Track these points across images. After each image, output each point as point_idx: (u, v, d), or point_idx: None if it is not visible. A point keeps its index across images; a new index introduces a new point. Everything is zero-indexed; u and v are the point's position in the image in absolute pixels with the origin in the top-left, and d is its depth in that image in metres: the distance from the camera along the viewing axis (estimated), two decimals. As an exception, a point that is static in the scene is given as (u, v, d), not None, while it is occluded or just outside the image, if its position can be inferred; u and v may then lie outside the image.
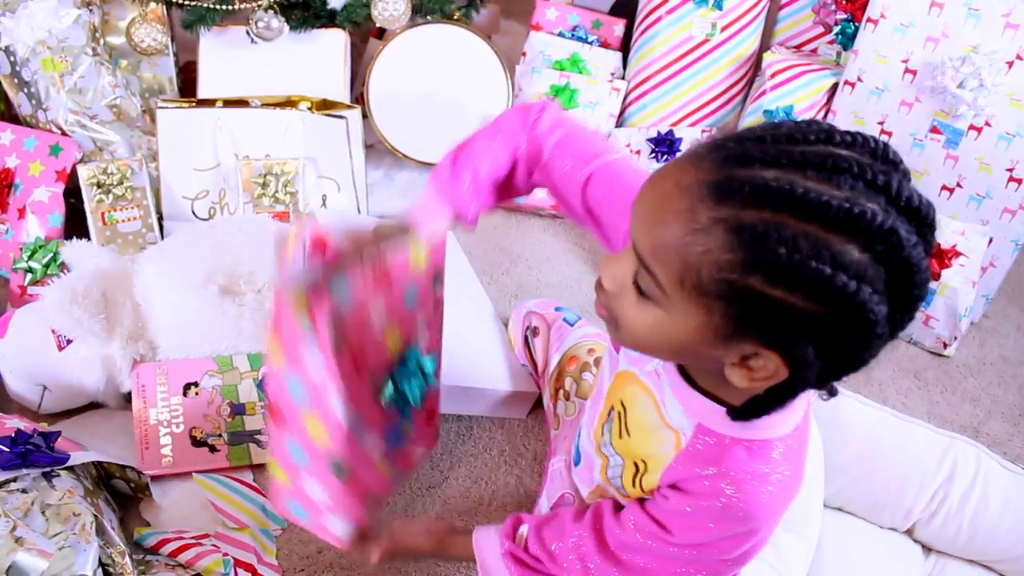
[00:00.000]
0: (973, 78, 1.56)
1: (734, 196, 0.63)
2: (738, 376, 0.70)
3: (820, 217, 0.61)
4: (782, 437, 0.81)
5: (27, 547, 0.94)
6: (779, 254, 0.61)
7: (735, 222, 0.62)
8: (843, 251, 0.61)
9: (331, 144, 1.66)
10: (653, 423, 0.88)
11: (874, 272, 0.62)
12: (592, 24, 2.02)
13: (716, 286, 0.64)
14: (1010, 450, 1.50)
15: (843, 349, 0.65)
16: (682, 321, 0.69)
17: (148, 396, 1.29)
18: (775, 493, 0.80)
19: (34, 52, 1.57)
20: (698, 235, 0.64)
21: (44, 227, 1.53)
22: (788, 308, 0.63)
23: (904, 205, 0.62)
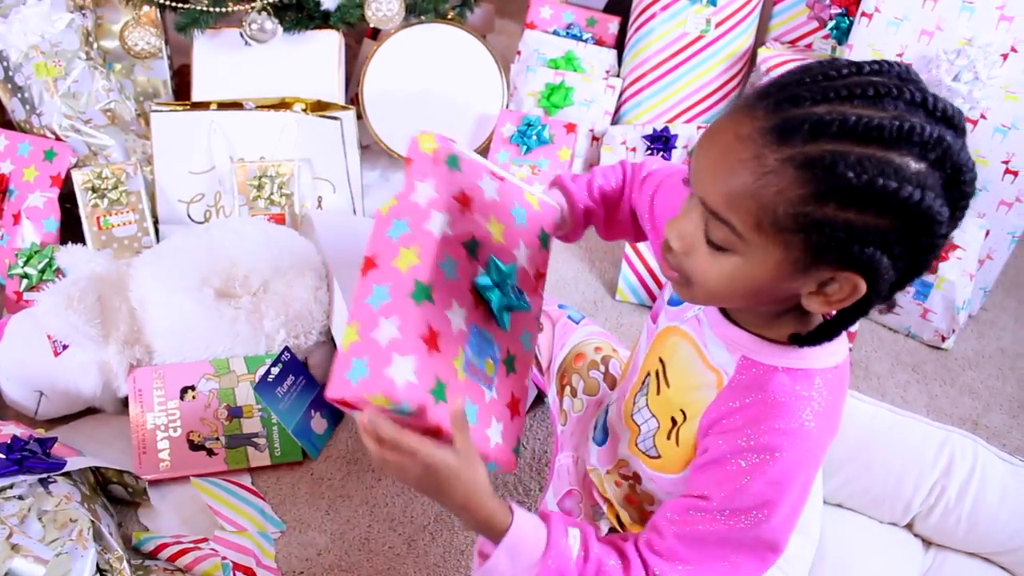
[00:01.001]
0: (968, 71, 1.56)
1: (795, 135, 0.68)
2: (816, 303, 0.74)
3: (876, 139, 0.66)
4: (823, 369, 0.81)
5: (24, 554, 0.94)
6: (848, 178, 0.66)
7: (802, 158, 0.67)
8: (903, 165, 0.66)
9: (326, 145, 1.66)
10: (694, 367, 0.89)
11: (933, 179, 0.67)
12: (587, 22, 2.02)
13: (793, 221, 0.69)
14: (1009, 442, 1.50)
15: (914, 255, 0.70)
16: (761, 262, 0.73)
17: (145, 400, 1.28)
18: (816, 422, 0.79)
19: (27, 57, 1.57)
20: (769, 177, 0.68)
21: (39, 232, 1.52)
22: (862, 227, 0.68)
23: (941, 115, 0.68)
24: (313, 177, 1.68)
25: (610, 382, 1.26)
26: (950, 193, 0.69)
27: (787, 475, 0.80)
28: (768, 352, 0.82)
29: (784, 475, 0.79)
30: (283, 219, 1.61)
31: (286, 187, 1.61)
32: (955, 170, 0.68)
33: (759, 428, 0.79)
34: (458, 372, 0.85)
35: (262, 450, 1.30)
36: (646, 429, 0.96)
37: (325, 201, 1.69)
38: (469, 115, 1.92)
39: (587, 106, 1.91)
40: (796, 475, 0.80)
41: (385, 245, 0.86)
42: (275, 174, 1.60)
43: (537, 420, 1.41)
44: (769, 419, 0.79)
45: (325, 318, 1.39)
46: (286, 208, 1.61)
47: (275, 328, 1.34)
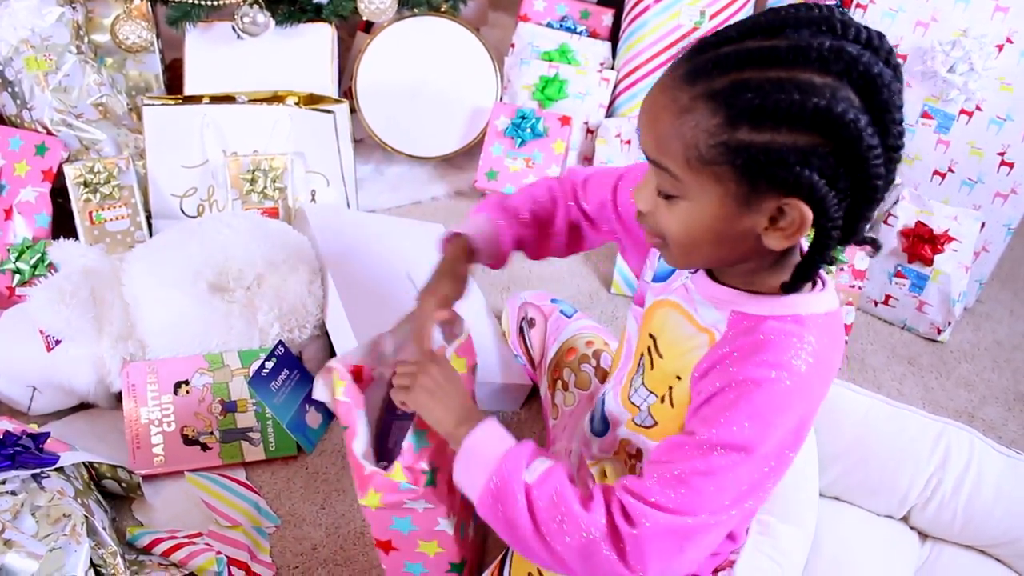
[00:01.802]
0: (963, 62, 1.56)
1: (702, 73, 0.73)
2: (774, 239, 0.76)
3: (775, 61, 0.70)
4: (813, 315, 0.82)
5: (16, 549, 0.93)
6: (751, 100, 0.70)
7: (709, 91, 0.72)
8: (805, 80, 0.69)
9: (319, 139, 1.65)
10: (685, 332, 0.90)
11: (843, 91, 0.69)
12: (580, 14, 2.01)
13: (715, 152, 0.72)
14: (1005, 434, 1.50)
15: (853, 174, 0.72)
16: (705, 202, 0.76)
17: (139, 395, 1.28)
18: (807, 364, 0.79)
19: (17, 51, 1.56)
20: (685, 116, 0.73)
21: (31, 227, 1.51)
22: (781, 147, 0.70)
23: (853, 37, 0.71)
24: (306, 171, 1.67)
25: (601, 376, 1.26)
26: (866, 101, 0.70)
27: (772, 411, 0.79)
28: (757, 303, 0.83)
29: (769, 410, 0.78)
30: (276, 213, 1.60)
31: (279, 181, 1.60)
32: (867, 81, 0.70)
33: (747, 362, 0.80)
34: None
35: (256, 444, 1.29)
36: (644, 406, 0.96)
37: (318, 195, 1.69)
38: (463, 108, 1.92)
39: (581, 99, 1.91)
40: (781, 414, 0.79)
41: (397, 536, 1.00)
42: (268, 168, 1.60)
43: (532, 414, 1.41)
44: (758, 354, 0.80)
45: (319, 312, 1.38)
46: (279, 202, 1.60)
47: (269, 322, 1.33)
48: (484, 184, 1.86)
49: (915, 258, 1.64)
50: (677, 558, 0.79)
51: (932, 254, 1.61)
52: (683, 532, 0.78)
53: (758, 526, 1.04)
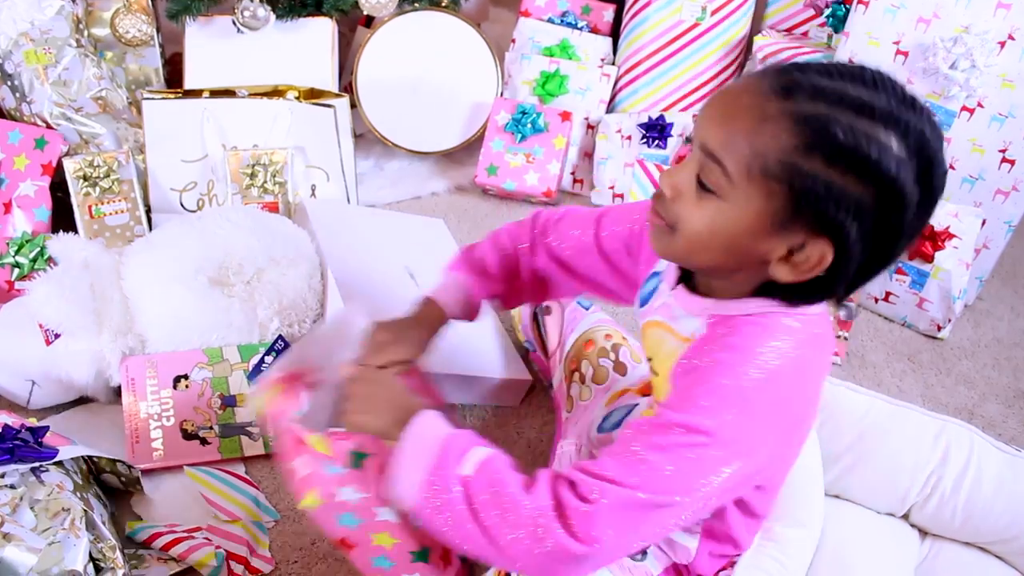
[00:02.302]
0: (965, 59, 1.55)
1: (797, 92, 0.74)
2: (783, 270, 0.78)
3: (868, 113, 0.73)
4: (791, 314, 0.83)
5: (15, 543, 0.93)
6: (837, 137, 0.72)
7: (799, 112, 0.74)
8: (888, 141, 0.72)
9: (319, 133, 1.65)
10: (671, 347, 0.91)
11: (909, 164, 0.73)
12: (581, 10, 2.01)
13: (780, 168, 0.74)
14: (1005, 432, 1.50)
15: (881, 236, 0.75)
16: (742, 209, 0.77)
17: (138, 390, 1.28)
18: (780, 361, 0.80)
19: (17, 44, 1.56)
20: (766, 124, 0.74)
21: (31, 221, 1.51)
22: (841, 189, 0.73)
23: (925, 115, 0.75)
24: (306, 165, 1.67)
25: (620, 370, 1.26)
26: (922, 182, 0.74)
27: (734, 396, 0.78)
28: (734, 306, 0.85)
29: (730, 395, 0.78)
30: (276, 207, 1.60)
31: (279, 175, 1.60)
32: (929, 163, 0.74)
33: (714, 346, 0.81)
34: None
35: (256, 439, 1.29)
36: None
37: (319, 189, 1.68)
38: (463, 103, 1.91)
39: (582, 94, 1.90)
40: (745, 402, 0.78)
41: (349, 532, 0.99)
42: (268, 162, 1.59)
43: (532, 408, 1.41)
44: (726, 338, 0.81)
45: (319, 307, 1.38)
46: (279, 196, 1.60)
47: (269, 317, 1.33)
48: (484, 179, 1.86)
49: (915, 255, 1.64)
50: (629, 533, 0.78)
51: (933, 251, 1.61)
52: (636, 506, 0.77)
53: (761, 531, 1.04)
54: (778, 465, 0.94)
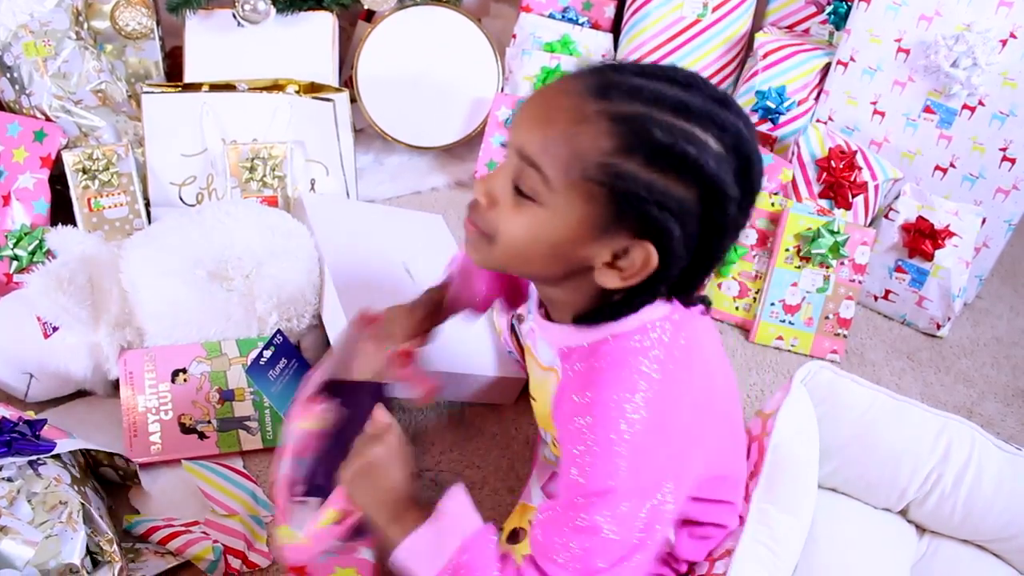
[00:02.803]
0: (966, 57, 1.55)
1: (614, 92, 0.73)
2: (608, 276, 0.77)
3: (684, 112, 0.72)
4: (634, 329, 0.82)
5: (12, 536, 0.93)
6: (656, 136, 0.71)
7: (617, 112, 0.72)
8: (706, 139, 0.72)
9: (319, 128, 1.64)
10: (538, 375, 0.93)
11: (727, 161, 0.73)
12: (583, 5, 2.00)
13: (600, 171, 0.73)
14: (1003, 430, 1.50)
15: (705, 236, 0.75)
16: (563, 215, 0.76)
17: (136, 383, 1.27)
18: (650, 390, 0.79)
19: (16, 36, 1.55)
20: (584, 125, 0.73)
21: (29, 214, 1.51)
22: (662, 189, 0.72)
23: (737, 113, 0.76)
24: (306, 160, 1.66)
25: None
26: (741, 179, 0.75)
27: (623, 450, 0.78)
28: (578, 336, 0.84)
29: (620, 449, 0.78)
30: (276, 202, 1.59)
31: (279, 169, 1.60)
32: (747, 160, 0.75)
33: (581, 401, 0.80)
34: None
35: (254, 433, 1.29)
36: (548, 442, 1.01)
37: (318, 184, 1.68)
38: (464, 98, 1.91)
39: (583, 90, 1.90)
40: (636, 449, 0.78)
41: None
42: (268, 156, 1.59)
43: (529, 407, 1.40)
44: (589, 388, 0.80)
45: (318, 301, 1.38)
46: (279, 191, 1.60)
47: (267, 311, 1.33)
48: (484, 175, 1.86)
49: (915, 253, 1.64)
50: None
51: (932, 249, 1.61)
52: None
53: (757, 514, 1.04)
54: (702, 465, 0.91)
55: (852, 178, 1.65)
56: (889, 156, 1.71)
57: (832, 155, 1.66)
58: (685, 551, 1.01)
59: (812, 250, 1.58)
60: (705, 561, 1.03)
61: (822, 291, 1.61)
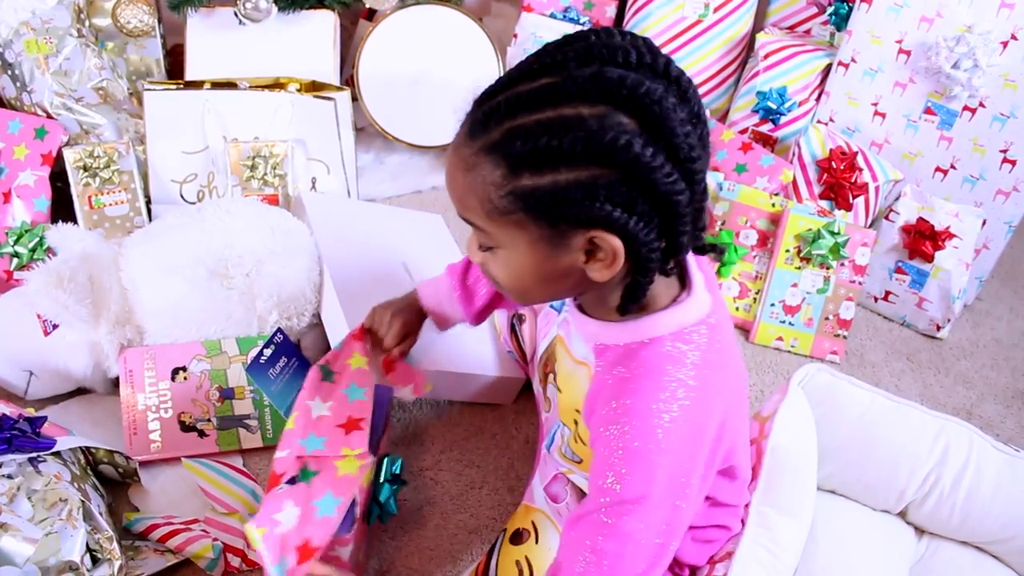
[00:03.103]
0: (967, 58, 1.55)
1: (479, 128, 0.73)
2: (596, 270, 0.77)
3: (540, 102, 0.70)
4: (673, 334, 0.82)
5: (12, 533, 0.93)
6: (523, 147, 0.70)
7: (486, 144, 0.73)
8: (572, 115, 0.69)
9: (320, 126, 1.64)
10: (568, 367, 0.93)
11: (612, 117, 0.69)
12: (584, 5, 2.00)
13: (506, 202, 0.73)
14: (1003, 432, 1.50)
15: (643, 194, 0.71)
16: (518, 248, 0.77)
17: (136, 381, 1.27)
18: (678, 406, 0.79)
19: (17, 33, 1.55)
20: (471, 172, 0.74)
21: (30, 211, 1.51)
22: (566, 185, 0.71)
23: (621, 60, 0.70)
24: (307, 158, 1.66)
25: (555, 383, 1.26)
26: (644, 125, 0.69)
27: (656, 456, 0.79)
28: (615, 333, 0.84)
29: (653, 456, 0.79)
30: (276, 200, 1.59)
31: (280, 168, 1.60)
32: (635, 102, 0.69)
33: (617, 408, 0.80)
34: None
35: (254, 432, 1.29)
36: (565, 438, 0.99)
37: (319, 183, 1.68)
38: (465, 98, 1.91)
39: (584, 90, 1.90)
40: (667, 453, 0.79)
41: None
42: (269, 154, 1.59)
43: (530, 405, 1.41)
44: (624, 395, 0.80)
45: (318, 300, 1.38)
46: (279, 189, 1.60)
47: (268, 309, 1.33)
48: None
49: (916, 254, 1.64)
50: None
51: (933, 250, 1.61)
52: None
53: (757, 517, 1.04)
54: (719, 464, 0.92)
55: (853, 179, 1.65)
56: (890, 157, 1.71)
57: (833, 156, 1.66)
58: (688, 555, 1.01)
59: (812, 251, 1.59)
60: (706, 564, 1.03)
61: (822, 292, 1.61)
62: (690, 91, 0.72)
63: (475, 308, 1.17)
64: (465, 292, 1.17)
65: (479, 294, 1.17)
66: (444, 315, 1.20)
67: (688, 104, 0.72)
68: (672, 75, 0.71)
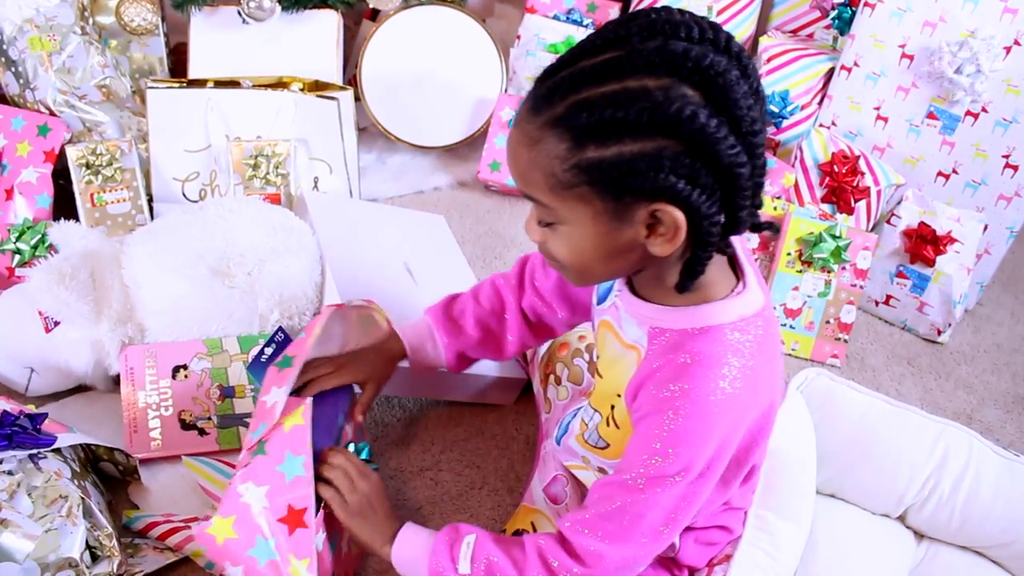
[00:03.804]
0: (970, 63, 1.55)
1: (543, 103, 0.74)
2: (658, 244, 0.77)
3: (605, 75, 0.71)
4: (736, 322, 0.83)
5: (12, 529, 0.93)
6: (588, 119, 0.71)
7: (550, 118, 0.73)
8: (637, 87, 0.70)
9: (323, 126, 1.65)
10: (616, 351, 0.93)
11: (677, 89, 0.70)
12: (587, 7, 2.01)
13: (571, 175, 0.74)
14: (1003, 437, 1.50)
15: (707, 166, 0.72)
16: (580, 223, 0.78)
17: (137, 379, 1.27)
18: (733, 387, 0.81)
19: (21, 30, 1.55)
20: (536, 146, 0.75)
21: (32, 208, 1.51)
22: (631, 157, 0.71)
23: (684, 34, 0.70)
24: (310, 158, 1.66)
25: (594, 370, 1.26)
26: (709, 97, 0.70)
27: (700, 435, 0.81)
28: (672, 317, 0.85)
29: (697, 435, 0.81)
30: (278, 199, 1.59)
31: (282, 167, 1.60)
32: (700, 74, 0.69)
33: (673, 390, 0.81)
34: None
35: (254, 431, 1.29)
36: (592, 425, 0.99)
37: (321, 182, 1.68)
38: (468, 99, 1.91)
39: (586, 92, 1.90)
40: (709, 436, 0.81)
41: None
42: (271, 153, 1.59)
43: (530, 406, 1.41)
44: (682, 379, 0.81)
45: (319, 300, 1.38)
46: (282, 188, 1.60)
47: (269, 308, 1.33)
48: (487, 175, 1.86)
49: (917, 259, 1.64)
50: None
51: (934, 255, 1.61)
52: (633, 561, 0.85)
53: (755, 520, 1.04)
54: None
55: (854, 183, 1.65)
56: (892, 161, 1.71)
57: (835, 160, 1.66)
58: (689, 557, 1.01)
59: (814, 254, 1.59)
60: (704, 567, 1.03)
61: (823, 295, 1.61)
62: (750, 67, 0.73)
63: (459, 345, 1.15)
64: (449, 324, 1.15)
65: (466, 329, 1.15)
66: (423, 355, 1.16)
67: (748, 79, 0.72)
68: (733, 51, 0.72)
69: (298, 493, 0.96)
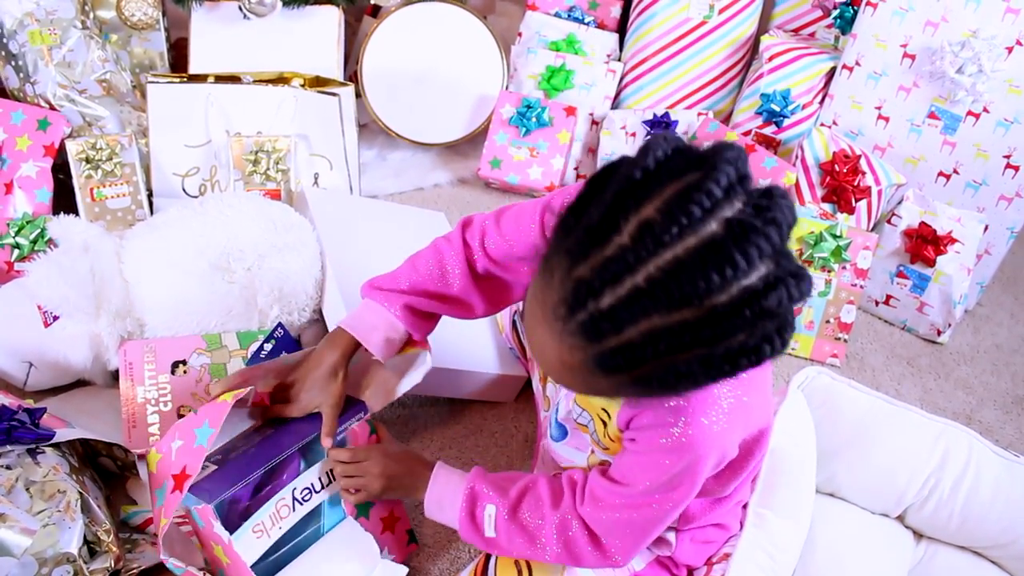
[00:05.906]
0: (972, 63, 1.55)
1: (569, 316, 0.67)
2: None
3: (617, 271, 0.65)
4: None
5: (10, 524, 0.93)
6: (606, 329, 0.66)
7: (573, 326, 0.67)
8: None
9: (323, 122, 1.64)
10: None
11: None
12: (589, 5, 2.00)
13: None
14: (1002, 437, 1.50)
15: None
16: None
17: (135, 374, 1.27)
18: (720, 422, 0.83)
19: (22, 24, 1.55)
20: (593, 380, 0.71)
21: (32, 202, 1.51)
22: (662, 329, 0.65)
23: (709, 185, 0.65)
24: (310, 154, 1.66)
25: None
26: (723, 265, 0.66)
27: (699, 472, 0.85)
28: None
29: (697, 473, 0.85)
30: (279, 195, 1.59)
31: (282, 163, 1.59)
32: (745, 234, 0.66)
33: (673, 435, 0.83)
34: None
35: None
36: (591, 427, 1.00)
37: (321, 178, 1.68)
38: (468, 95, 1.91)
39: (587, 90, 1.90)
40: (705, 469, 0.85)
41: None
42: (271, 149, 1.59)
43: (529, 404, 1.41)
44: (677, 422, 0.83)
45: (320, 296, 1.37)
46: (282, 184, 1.60)
47: (268, 304, 1.32)
48: (487, 172, 1.86)
49: (917, 259, 1.63)
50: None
51: (934, 255, 1.61)
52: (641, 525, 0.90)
53: (755, 519, 1.04)
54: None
55: (855, 182, 1.65)
56: (893, 161, 1.71)
57: (836, 159, 1.66)
58: (685, 556, 1.01)
59: (814, 254, 1.59)
60: (703, 565, 1.03)
61: (823, 295, 1.61)
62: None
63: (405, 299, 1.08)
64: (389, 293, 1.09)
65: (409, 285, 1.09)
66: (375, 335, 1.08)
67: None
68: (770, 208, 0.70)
69: (193, 461, 0.98)
